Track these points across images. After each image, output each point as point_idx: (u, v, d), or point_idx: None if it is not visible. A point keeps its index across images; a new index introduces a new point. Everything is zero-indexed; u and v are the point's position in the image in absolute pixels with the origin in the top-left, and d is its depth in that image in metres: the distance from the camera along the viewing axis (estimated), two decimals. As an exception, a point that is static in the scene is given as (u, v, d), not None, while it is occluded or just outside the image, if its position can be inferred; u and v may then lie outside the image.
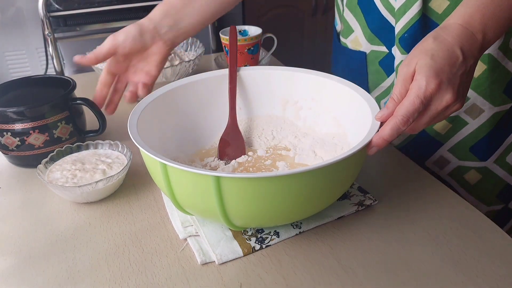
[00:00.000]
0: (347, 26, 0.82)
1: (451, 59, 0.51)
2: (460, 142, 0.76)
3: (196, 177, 0.48)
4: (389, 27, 0.75)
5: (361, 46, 0.81)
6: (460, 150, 0.77)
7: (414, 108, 0.50)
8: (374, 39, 0.78)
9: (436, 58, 0.51)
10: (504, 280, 0.50)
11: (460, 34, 0.53)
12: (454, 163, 0.78)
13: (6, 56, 1.65)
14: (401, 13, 0.70)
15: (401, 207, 0.61)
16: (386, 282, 0.50)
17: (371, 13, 0.76)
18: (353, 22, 0.80)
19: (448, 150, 0.77)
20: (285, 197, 0.49)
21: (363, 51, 0.81)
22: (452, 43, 0.52)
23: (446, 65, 0.51)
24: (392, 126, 0.51)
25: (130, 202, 0.64)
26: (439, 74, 0.50)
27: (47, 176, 0.65)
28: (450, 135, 0.76)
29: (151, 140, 0.58)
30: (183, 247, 0.56)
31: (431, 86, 0.50)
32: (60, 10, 1.43)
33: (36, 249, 0.57)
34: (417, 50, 0.53)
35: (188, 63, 0.93)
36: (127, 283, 0.51)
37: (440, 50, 0.51)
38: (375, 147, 0.52)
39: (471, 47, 0.53)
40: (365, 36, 0.79)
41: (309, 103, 0.70)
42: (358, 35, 0.81)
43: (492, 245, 0.54)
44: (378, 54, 0.79)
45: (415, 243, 0.55)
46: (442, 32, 0.53)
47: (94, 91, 0.74)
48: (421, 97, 0.50)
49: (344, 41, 0.84)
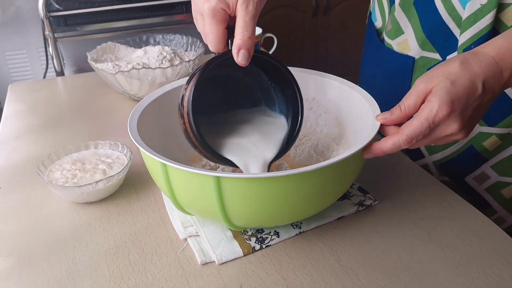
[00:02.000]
0: (396, 27, 0.77)
1: (471, 89, 0.50)
2: (505, 159, 0.73)
3: (196, 177, 0.48)
4: (448, 34, 0.70)
5: (410, 50, 0.76)
6: (503, 166, 0.74)
7: (420, 131, 0.49)
8: (427, 44, 0.73)
9: (456, 84, 0.49)
10: (506, 282, 0.49)
11: (488, 67, 0.50)
12: (493, 178, 0.75)
13: (6, 56, 1.65)
14: (471, 23, 0.66)
15: (401, 207, 0.61)
16: (386, 283, 0.50)
17: (429, 16, 0.71)
18: (404, 23, 0.75)
19: (491, 166, 0.75)
20: (285, 197, 0.49)
21: (411, 56, 0.76)
22: (477, 74, 0.50)
23: (464, 95, 0.49)
24: (395, 142, 0.50)
25: (130, 202, 0.64)
26: (454, 102, 0.49)
27: (47, 176, 0.65)
28: (498, 151, 0.73)
29: (151, 140, 0.58)
30: (183, 247, 0.56)
31: (443, 112, 0.49)
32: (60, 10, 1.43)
33: (36, 249, 0.57)
34: (440, 70, 0.51)
35: (188, 63, 0.93)
36: (127, 283, 0.51)
37: (463, 78, 0.50)
38: (372, 154, 0.52)
39: (494, 83, 0.51)
40: (418, 41, 0.74)
41: (309, 103, 0.70)
42: (408, 38, 0.76)
43: (493, 247, 0.54)
44: (428, 61, 0.74)
45: (416, 244, 0.55)
46: (471, 58, 0.51)
47: (94, 91, 0.74)
48: (429, 121, 0.49)
49: (390, 42, 0.79)
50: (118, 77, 0.88)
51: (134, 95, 0.93)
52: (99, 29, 1.52)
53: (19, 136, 0.84)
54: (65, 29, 1.50)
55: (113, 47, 1.05)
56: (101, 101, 0.97)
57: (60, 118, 0.90)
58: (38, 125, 0.88)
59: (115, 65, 0.94)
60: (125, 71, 0.87)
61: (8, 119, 0.91)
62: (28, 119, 0.91)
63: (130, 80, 0.88)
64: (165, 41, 1.08)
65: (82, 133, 0.84)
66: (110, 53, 1.03)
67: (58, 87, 1.07)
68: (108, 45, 1.04)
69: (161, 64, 0.93)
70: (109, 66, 0.93)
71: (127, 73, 0.87)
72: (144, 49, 0.99)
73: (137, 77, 0.88)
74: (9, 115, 0.93)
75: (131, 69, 0.87)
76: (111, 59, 1.00)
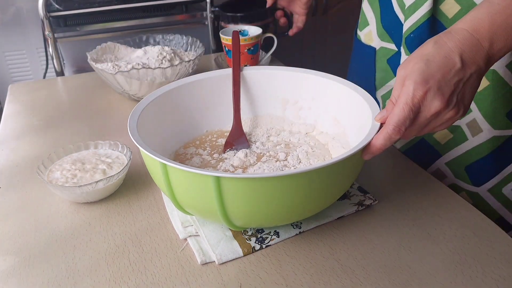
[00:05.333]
0: (364, 18, 0.80)
1: (447, 65, 0.50)
2: (457, 158, 0.73)
3: (196, 177, 0.48)
4: (400, 24, 0.73)
5: (373, 41, 0.79)
6: (456, 166, 0.74)
7: (404, 116, 0.49)
8: (384, 35, 0.76)
9: (430, 63, 0.50)
10: (505, 281, 0.50)
11: (463, 40, 0.51)
12: (450, 179, 0.76)
13: (6, 56, 1.65)
14: (411, 11, 0.68)
15: (401, 207, 0.61)
16: (386, 282, 0.50)
17: (387, 7, 0.74)
18: (370, 15, 0.78)
19: (445, 164, 0.75)
20: (285, 197, 0.49)
21: (373, 47, 0.79)
22: (451, 49, 0.50)
23: (438, 72, 0.49)
24: (384, 136, 0.50)
25: (130, 202, 0.64)
26: (428, 81, 0.49)
27: (47, 176, 0.65)
28: (450, 147, 0.74)
29: (151, 140, 0.58)
30: (183, 247, 0.56)
31: (419, 92, 0.49)
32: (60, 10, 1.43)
33: (36, 249, 0.57)
34: (416, 53, 0.52)
35: (188, 63, 0.93)
36: (127, 283, 0.51)
37: (437, 55, 0.50)
38: (370, 154, 0.52)
39: (474, 55, 0.50)
40: (377, 32, 0.77)
41: (309, 103, 0.70)
42: (372, 30, 0.79)
43: (492, 246, 0.54)
44: (387, 52, 0.77)
45: (415, 243, 0.55)
46: (445, 36, 0.52)
47: (94, 91, 0.74)
48: (409, 104, 0.49)
49: (359, 33, 0.83)
50: (118, 77, 0.89)
51: (133, 95, 0.93)
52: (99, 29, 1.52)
53: (19, 136, 0.84)
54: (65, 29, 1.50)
55: (113, 47, 1.05)
56: (101, 101, 0.97)
57: (60, 118, 0.90)
58: (38, 125, 0.88)
59: (115, 65, 0.94)
60: (125, 71, 0.87)
61: (8, 119, 0.92)
62: (28, 119, 0.91)
63: (129, 80, 0.88)
64: (165, 41, 1.08)
65: (82, 133, 0.84)
66: (110, 53, 1.03)
67: (58, 87, 1.07)
68: (108, 45, 1.04)
69: (161, 64, 0.93)
70: (109, 66, 0.93)
71: (126, 73, 0.87)
72: (144, 49, 0.99)
73: (136, 77, 0.88)
74: (9, 115, 0.93)
75: (130, 69, 0.87)
76: (111, 59, 1.01)
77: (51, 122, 0.89)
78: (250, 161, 0.63)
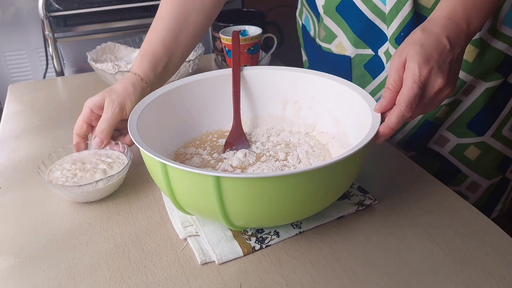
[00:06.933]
0: (329, 32, 0.83)
1: (439, 47, 0.55)
2: (457, 120, 0.79)
3: (196, 177, 0.48)
4: (377, 30, 0.77)
5: (346, 50, 0.83)
6: (458, 128, 0.79)
7: (414, 93, 0.53)
8: (359, 43, 0.80)
9: (425, 46, 0.54)
10: (505, 280, 0.50)
11: (445, 25, 0.56)
12: (453, 141, 0.81)
13: (6, 56, 1.65)
14: (394, 14, 0.73)
15: (401, 207, 0.61)
16: (386, 282, 0.50)
17: (355, 18, 0.78)
18: (335, 28, 0.82)
19: (446, 129, 0.80)
20: (285, 197, 0.49)
21: (347, 56, 0.83)
22: (439, 33, 0.56)
23: (435, 53, 0.54)
24: (398, 114, 0.53)
25: (130, 202, 0.64)
26: (429, 61, 0.54)
27: (47, 175, 0.65)
28: (448, 115, 0.79)
29: (151, 140, 0.58)
30: (183, 247, 0.56)
31: (424, 71, 0.53)
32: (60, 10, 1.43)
33: (36, 249, 0.57)
34: (407, 42, 0.56)
35: (188, 63, 0.93)
36: (127, 283, 0.51)
37: (429, 40, 0.55)
38: (383, 137, 0.54)
39: (457, 36, 0.56)
40: (350, 41, 0.81)
41: (309, 102, 0.70)
42: (342, 40, 0.82)
43: (492, 245, 0.54)
44: (363, 58, 0.81)
45: (415, 243, 0.55)
46: (429, 24, 0.57)
47: (94, 91, 0.74)
48: (417, 82, 0.53)
49: (328, 46, 0.86)
50: (118, 77, 0.88)
51: (134, 95, 0.93)
52: (98, 29, 1.52)
53: (19, 136, 0.84)
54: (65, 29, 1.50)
55: (113, 47, 1.05)
56: (101, 101, 0.97)
57: (60, 118, 0.90)
58: (38, 125, 0.88)
59: (115, 65, 0.94)
60: (125, 71, 0.87)
61: (8, 119, 0.92)
62: (28, 119, 0.91)
63: (130, 80, 0.88)
64: (165, 41, 1.08)
65: (82, 133, 0.84)
66: (109, 53, 1.04)
67: (58, 87, 1.07)
68: (108, 45, 1.04)
69: (161, 64, 0.93)
70: (109, 66, 0.93)
71: (126, 73, 0.87)
72: (144, 49, 0.99)
73: (137, 77, 0.88)
74: (9, 115, 0.93)
75: (130, 69, 0.87)
76: (110, 59, 1.01)
77: (51, 122, 0.89)
78: (249, 161, 0.64)
